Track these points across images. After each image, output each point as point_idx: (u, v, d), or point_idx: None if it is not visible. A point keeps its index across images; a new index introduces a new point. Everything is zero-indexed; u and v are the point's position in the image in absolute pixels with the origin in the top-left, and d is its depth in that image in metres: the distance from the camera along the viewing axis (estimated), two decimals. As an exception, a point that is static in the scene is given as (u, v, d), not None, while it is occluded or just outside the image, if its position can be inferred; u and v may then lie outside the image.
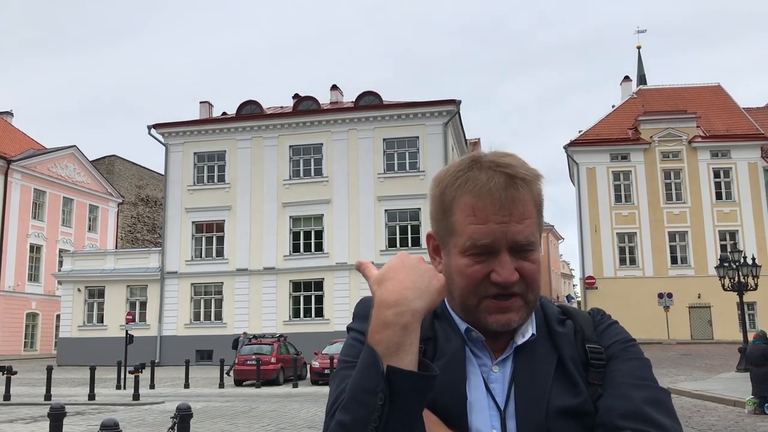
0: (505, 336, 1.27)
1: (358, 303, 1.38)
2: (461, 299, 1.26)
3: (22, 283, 45.41)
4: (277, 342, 24.92)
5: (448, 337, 1.29)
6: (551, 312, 1.32)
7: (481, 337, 1.26)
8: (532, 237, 1.22)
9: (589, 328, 1.30)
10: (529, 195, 1.23)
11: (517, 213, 1.22)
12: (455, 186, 1.26)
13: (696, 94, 48.87)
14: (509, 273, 1.20)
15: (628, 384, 1.21)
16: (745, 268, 24.58)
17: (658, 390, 1.21)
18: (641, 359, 1.26)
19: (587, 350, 1.26)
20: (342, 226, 35.12)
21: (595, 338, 1.28)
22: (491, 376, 1.25)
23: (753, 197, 42.98)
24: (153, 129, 37.84)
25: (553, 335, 1.28)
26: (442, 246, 1.31)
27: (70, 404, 15.82)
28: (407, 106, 36.07)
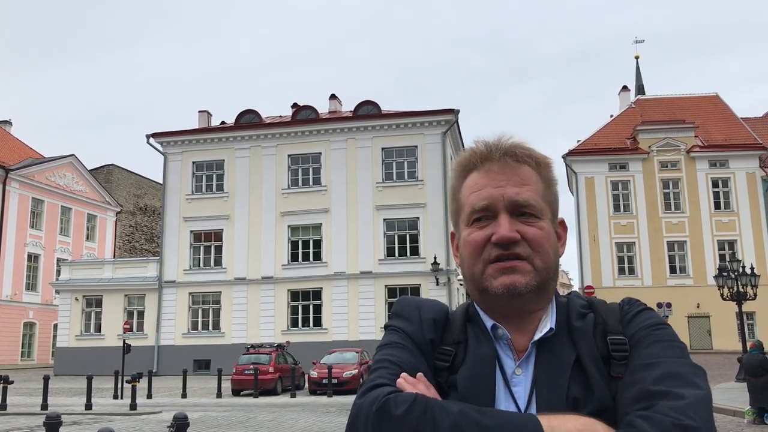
0: (527, 332, 1.25)
1: (397, 302, 1.38)
2: (469, 272, 1.27)
3: (20, 292, 45.30)
4: (275, 351, 24.86)
5: (478, 340, 1.28)
6: (574, 306, 1.29)
7: (506, 335, 1.25)
8: (532, 200, 1.24)
9: (614, 319, 1.25)
10: (532, 171, 1.27)
11: (516, 178, 1.25)
12: (460, 172, 1.32)
13: (694, 103, 48.99)
14: (506, 230, 1.21)
15: (640, 366, 1.15)
16: (744, 278, 24.58)
17: (677, 364, 1.14)
18: (667, 341, 1.19)
19: (608, 343, 1.22)
20: (340, 235, 35.09)
21: (621, 329, 1.23)
22: (513, 379, 1.23)
23: (751, 207, 43.02)
24: (151, 138, 37.86)
25: (571, 331, 1.25)
26: (456, 234, 1.34)
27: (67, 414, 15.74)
28: (406, 115, 36.12)
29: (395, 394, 1.16)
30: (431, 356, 1.28)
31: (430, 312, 1.33)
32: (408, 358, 1.26)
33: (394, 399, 1.14)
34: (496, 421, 1.08)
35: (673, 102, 49.58)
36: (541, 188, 1.26)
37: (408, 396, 1.14)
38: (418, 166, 35.32)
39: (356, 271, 34.49)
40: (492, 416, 1.10)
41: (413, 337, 1.29)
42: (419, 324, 1.31)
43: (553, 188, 1.30)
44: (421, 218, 34.52)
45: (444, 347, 1.29)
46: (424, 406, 1.11)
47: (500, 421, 1.08)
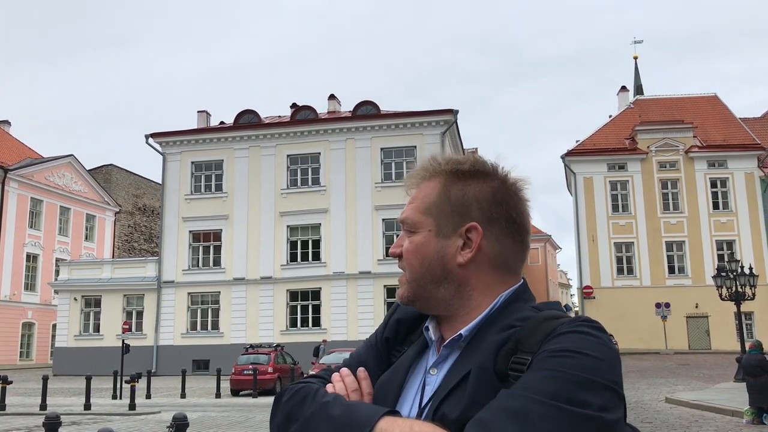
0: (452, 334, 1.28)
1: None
2: None
3: (19, 292, 45.28)
4: (274, 352, 24.85)
5: (418, 341, 1.36)
6: (512, 318, 1.23)
7: (431, 337, 1.31)
8: (409, 218, 1.32)
9: (537, 338, 1.14)
10: (433, 184, 1.33)
11: (411, 196, 1.36)
12: None
13: (693, 104, 49.05)
14: (393, 246, 1.36)
15: (504, 393, 1.07)
16: (743, 278, 24.61)
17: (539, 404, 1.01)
18: (557, 371, 1.05)
19: (511, 361, 1.15)
20: (339, 235, 35.10)
21: (537, 348, 1.12)
22: (428, 377, 1.27)
23: (750, 207, 43.08)
24: (150, 138, 37.85)
25: (482, 342, 1.22)
26: None
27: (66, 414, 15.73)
28: (404, 115, 36.14)
29: (296, 383, 1.33)
30: (387, 354, 1.40)
31: (399, 312, 1.43)
32: (363, 354, 1.42)
33: (291, 388, 1.32)
34: (342, 412, 1.17)
35: (672, 102, 49.63)
36: (431, 200, 1.31)
37: (299, 386, 1.31)
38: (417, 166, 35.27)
39: (355, 271, 34.50)
40: (344, 407, 1.18)
41: (377, 335, 1.45)
42: (385, 323, 1.44)
43: (456, 197, 1.29)
44: (420, 218, 34.47)
45: (402, 346, 1.39)
46: (304, 395, 1.26)
47: (346, 412, 1.17)
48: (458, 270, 1.26)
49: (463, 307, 1.28)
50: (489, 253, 1.27)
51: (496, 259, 1.28)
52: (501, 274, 1.28)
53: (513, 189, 1.31)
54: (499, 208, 1.28)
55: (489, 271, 1.27)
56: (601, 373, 1.05)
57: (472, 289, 1.27)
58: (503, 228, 1.28)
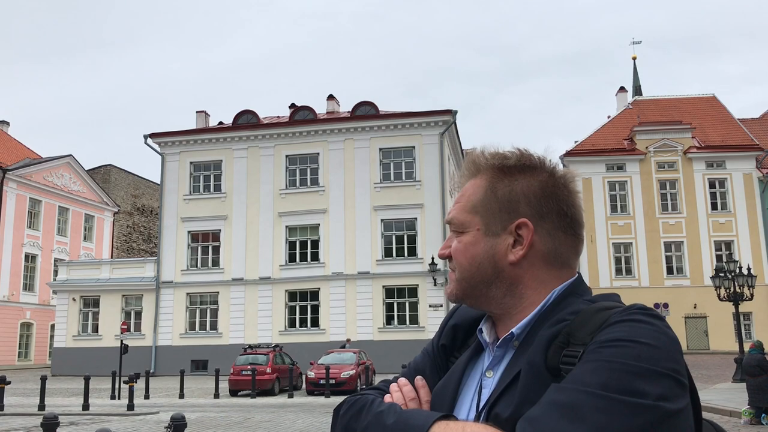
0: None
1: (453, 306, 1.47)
2: None
3: (17, 292, 45.24)
4: (273, 352, 24.84)
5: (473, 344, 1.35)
6: (564, 312, 1.20)
7: (485, 339, 1.30)
8: (454, 219, 1.31)
9: (588, 329, 1.11)
10: (478, 181, 1.31)
11: (458, 196, 1.35)
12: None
13: (691, 104, 49.09)
14: (441, 248, 1.35)
15: (555, 388, 1.04)
16: (741, 279, 24.63)
17: (588, 395, 0.99)
18: (607, 361, 1.02)
19: (562, 355, 1.12)
20: (338, 235, 35.09)
21: (588, 340, 1.10)
22: (485, 380, 1.25)
23: (748, 207, 43.12)
24: (149, 138, 37.83)
25: (531, 337, 1.20)
26: None
27: (64, 414, 15.74)
28: (403, 116, 36.15)
29: (355, 395, 1.32)
30: (444, 361, 1.38)
31: (456, 318, 1.42)
32: (420, 362, 1.42)
33: (348, 400, 1.31)
34: (396, 420, 1.17)
35: (671, 103, 49.66)
36: (478, 198, 1.29)
37: (356, 397, 1.30)
38: (416, 166, 35.33)
39: (354, 271, 34.49)
40: (398, 415, 1.18)
41: (433, 342, 1.43)
42: (441, 329, 1.43)
43: (503, 193, 1.27)
44: (418, 219, 34.54)
45: (458, 353, 1.38)
46: (361, 406, 1.25)
47: (400, 420, 1.17)
48: (510, 268, 1.24)
49: (515, 305, 1.26)
50: (541, 248, 1.24)
51: (549, 254, 1.25)
52: (555, 270, 1.25)
53: (562, 181, 1.28)
54: (549, 202, 1.25)
55: (542, 267, 1.25)
56: (657, 361, 1.00)
57: (524, 287, 1.25)
58: (555, 222, 1.25)
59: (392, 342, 32.54)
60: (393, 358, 29.70)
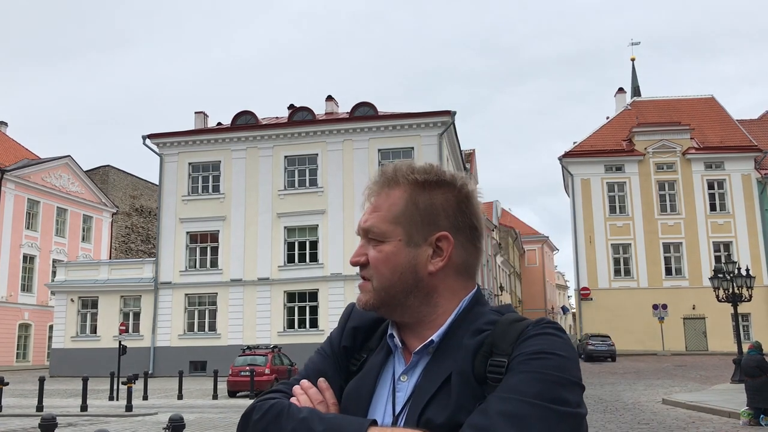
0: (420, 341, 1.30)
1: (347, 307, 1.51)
2: None
3: (15, 293, 45.18)
4: (271, 353, 24.82)
5: (381, 348, 1.37)
6: (479, 321, 1.28)
7: (397, 344, 1.33)
8: (374, 227, 1.32)
9: (508, 340, 1.20)
10: (400, 192, 1.33)
11: (374, 205, 1.35)
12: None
13: (690, 105, 49.15)
14: (353, 255, 1.36)
15: (494, 397, 1.12)
16: (740, 279, 24.63)
17: (531, 406, 1.08)
18: (538, 373, 1.12)
19: (488, 364, 1.20)
20: (337, 236, 35.08)
21: (510, 351, 1.19)
22: (399, 384, 1.29)
23: (747, 208, 43.16)
24: (148, 139, 37.80)
25: (453, 346, 1.26)
26: None
27: (62, 416, 15.70)
28: (402, 117, 36.15)
29: (263, 400, 1.31)
30: (345, 362, 1.41)
31: (355, 320, 1.45)
32: (318, 364, 1.42)
33: (260, 405, 1.30)
34: (325, 428, 1.17)
35: (669, 104, 49.73)
36: (399, 209, 1.31)
37: (269, 402, 1.29)
38: (415, 167, 35.29)
39: (353, 272, 34.42)
40: (326, 422, 1.19)
41: (332, 343, 1.45)
42: (341, 331, 1.45)
43: (425, 206, 1.31)
44: (417, 220, 34.48)
45: (360, 353, 1.40)
46: (277, 412, 1.25)
47: (330, 427, 1.18)
48: (428, 278, 1.30)
49: (430, 313, 1.31)
50: (456, 260, 1.32)
51: (461, 265, 1.33)
52: (464, 280, 1.34)
53: (472, 196, 1.35)
54: (464, 216, 1.33)
55: (454, 277, 1.32)
56: (571, 372, 1.14)
57: (439, 296, 1.31)
58: (467, 235, 1.33)
59: (391, 343, 32.51)
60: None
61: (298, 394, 1.32)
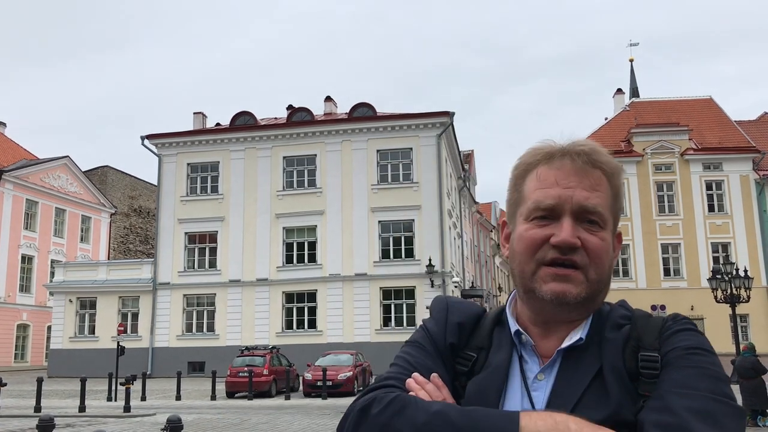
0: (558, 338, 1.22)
1: (432, 301, 1.39)
2: (519, 268, 1.22)
3: (13, 294, 45.14)
4: (270, 354, 24.82)
5: (500, 346, 1.26)
6: (614, 316, 1.24)
7: (530, 341, 1.24)
8: (600, 208, 1.19)
9: (652, 334, 1.18)
10: (604, 178, 1.22)
11: (587, 182, 1.20)
12: (529, 162, 1.26)
13: (688, 106, 49.19)
14: (568, 234, 1.16)
15: (671, 393, 1.08)
16: (738, 280, 24.65)
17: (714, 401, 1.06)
18: (702, 368, 1.11)
19: (639, 359, 1.16)
20: (335, 237, 35.08)
21: (657, 346, 1.17)
22: (534, 384, 1.21)
23: (745, 209, 43.20)
24: (146, 140, 37.80)
25: (601, 342, 1.20)
26: (510, 225, 1.29)
27: (60, 416, 15.70)
28: (401, 117, 36.16)
29: (382, 392, 1.18)
30: (451, 360, 1.29)
31: (457, 315, 1.32)
32: (423, 359, 1.28)
33: (379, 398, 1.16)
34: (471, 420, 1.07)
35: (668, 105, 49.76)
36: (609, 197, 1.22)
37: (390, 395, 1.16)
38: (413, 168, 35.35)
39: (351, 273, 34.48)
40: (470, 415, 1.08)
41: (435, 339, 1.31)
42: (443, 326, 1.31)
43: (620, 199, 1.25)
44: (416, 220, 34.55)
45: (467, 352, 1.29)
46: (401, 405, 1.13)
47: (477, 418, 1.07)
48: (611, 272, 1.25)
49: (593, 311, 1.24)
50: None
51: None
52: None
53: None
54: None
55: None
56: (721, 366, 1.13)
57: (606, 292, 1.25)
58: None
59: (389, 344, 32.47)
60: (390, 359, 29.04)
61: (414, 389, 1.19)
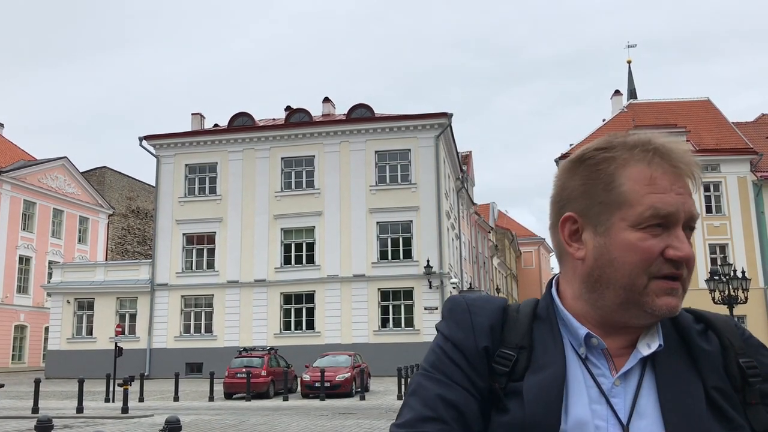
0: (621, 341, 1.16)
1: (448, 303, 1.25)
2: (626, 280, 1.11)
3: (11, 294, 45.08)
4: (268, 355, 24.80)
5: (546, 347, 1.16)
6: (685, 322, 1.18)
7: (602, 344, 1.14)
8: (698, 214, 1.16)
9: (736, 337, 1.16)
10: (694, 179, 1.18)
11: (690, 188, 1.15)
12: (620, 157, 1.15)
13: (686, 108, 49.26)
14: (689, 249, 1.10)
15: None
16: (735, 282, 24.65)
17: None
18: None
19: (741, 366, 1.12)
20: (333, 238, 35.07)
21: (744, 349, 1.14)
22: (613, 390, 1.12)
23: (742, 211, 43.25)
24: (144, 140, 37.77)
25: (695, 352, 1.15)
26: (594, 225, 1.16)
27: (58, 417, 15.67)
28: (399, 118, 36.17)
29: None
30: (485, 363, 1.17)
31: (484, 316, 1.20)
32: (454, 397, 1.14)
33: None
34: None
35: (665, 106, 49.83)
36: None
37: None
38: (412, 169, 35.36)
39: (349, 274, 34.47)
40: None
41: (462, 348, 1.18)
42: (470, 331, 1.19)
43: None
44: (414, 221, 34.55)
45: (505, 351, 1.17)
46: None
47: None
48: None
49: None
50: None
51: None
52: None
53: None
54: None
55: None
56: None
57: None
58: None
59: (387, 345, 32.53)
60: (388, 360, 29.68)
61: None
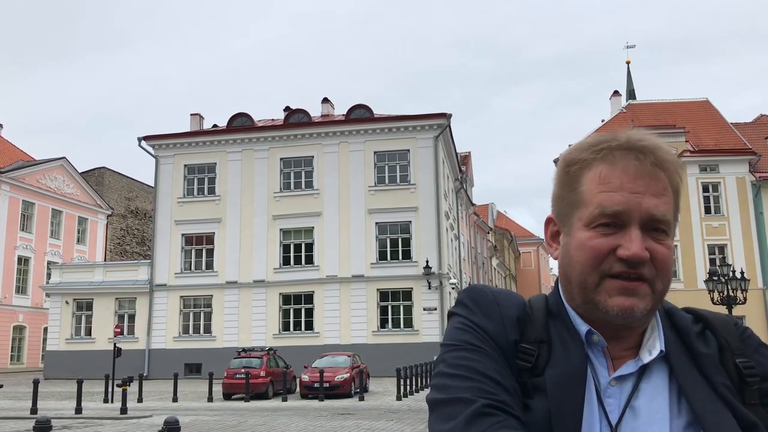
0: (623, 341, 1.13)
1: (470, 291, 1.20)
2: (580, 278, 1.10)
3: (10, 295, 45.05)
4: (267, 355, 24.79)
5: (563, 342, 1.14)
6: (684, 324, 1.16)
7: (603, 343, 1.12)
8: (668, 215, 1.09)
9: (734, 336, 1.14)
10: (666, 178, 1.12)
11: (654, 186, 1.09)
12: (585, 158, 1.14)
13: (684, 108, 49.30)
14: (638, 248, 1.06)
15: None
16: (734, 282, 24.68)
17: None
18: None
19: (738, 366, 1.11)
20: (332, 239, 35.06)
21: (742, 349, 1.13)
22: (608, 390, 1.11)
23: (741, 211, 43.27)
24: (143, 141, 37.76)
25: (695, 357, 1.12)
26: (562, 225, 1.17)
27: (57, 418, 15.67)
28: (398, 119, 36.17)
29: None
30: (513, 357, 1.13)
31: (512, 308, 1.16)
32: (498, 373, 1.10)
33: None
34: None
35: (664, 107, 49.87)
36: (673, 200, 1.13)
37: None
38: (411, 169, 35.36)
39: (348, 274, 34.47)
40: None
41: (495, 338, 1.13)
42: (500, 322, 1.14)
43: (679, 198, 1.14)
44: (413, 222, 34.55)
45: (526, 346, 1.14)
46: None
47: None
48: None
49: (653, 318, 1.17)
50: None
51: None
52: None
53: None
54: None
55: None
56: None
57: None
58: None
59: (386, 345, 32.52)
60: (387, 361, 29.66)
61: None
